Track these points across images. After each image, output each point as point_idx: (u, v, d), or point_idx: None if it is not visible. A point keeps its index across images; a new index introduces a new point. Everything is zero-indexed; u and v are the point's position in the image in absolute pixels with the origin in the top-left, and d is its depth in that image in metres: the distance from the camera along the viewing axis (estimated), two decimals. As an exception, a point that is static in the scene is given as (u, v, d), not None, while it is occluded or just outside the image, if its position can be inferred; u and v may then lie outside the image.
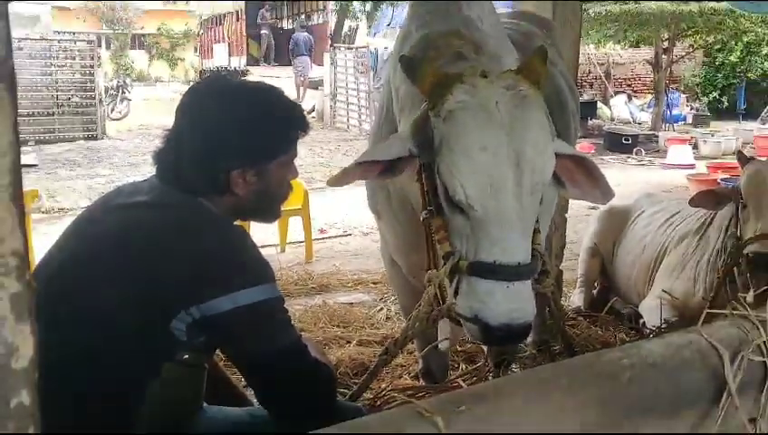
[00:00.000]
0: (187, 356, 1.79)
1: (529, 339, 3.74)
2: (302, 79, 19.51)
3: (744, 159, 3.52)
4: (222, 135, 1.85)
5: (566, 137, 2.86)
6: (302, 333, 2.03)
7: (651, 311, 3.94)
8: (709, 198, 3.60)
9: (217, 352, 2.00)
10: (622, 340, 3.87)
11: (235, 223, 1.90)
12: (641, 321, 4.05)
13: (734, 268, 3.41)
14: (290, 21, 24.91)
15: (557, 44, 3.39)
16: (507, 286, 1.73)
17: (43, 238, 4.61)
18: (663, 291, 3.91)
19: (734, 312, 1.67)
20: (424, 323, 2.03)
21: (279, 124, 1.92)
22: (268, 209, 2.02)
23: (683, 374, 1.50)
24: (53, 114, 14.34)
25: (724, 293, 3.36)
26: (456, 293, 1.84)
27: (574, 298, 4.63)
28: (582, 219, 5.96)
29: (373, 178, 2.02)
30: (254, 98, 1.91)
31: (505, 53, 2.25)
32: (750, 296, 3.12)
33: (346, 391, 2.71)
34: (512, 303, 1.73)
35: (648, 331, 3.78)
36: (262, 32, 24.09)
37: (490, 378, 3.11)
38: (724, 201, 3.56)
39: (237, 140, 1.86)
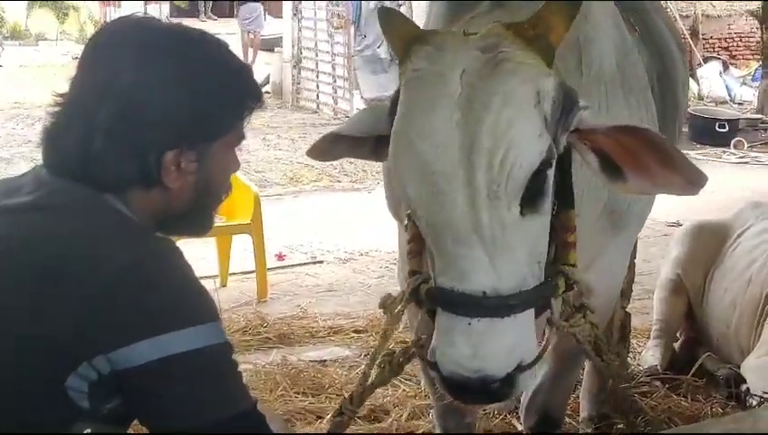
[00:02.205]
0: (88, 430, 1.78)
1: (584, 413, 3.76)
2: (251, 37, 19.52)
3: None
4: (154, 98, 1.86)
5: (672, 118, 2.94)
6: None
7: (760, 371, 3.95)
8: None
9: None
10: (717, 414, 3.88)
11: (158, 234, 1.92)
12: (743, 387, 4.06)
13: None
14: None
15: None
16: (469, 323, 1.82)
17: None
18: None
19: None
20: (386, 371, 2.15)
21: (230, 86, 1.95)
22: (203, 214, 2.05)
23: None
24: None
25: None
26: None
27: (647, 354, 4.64)
28: (659, 240, 6.00)
29: (365, 156, 2.16)
30: (193, 48, 1.94)
31: None
32: None
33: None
34: (469, 347, 1.82)
35: (755, 400, 3.79)
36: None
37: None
38: None
39: (174, 107, 1.87)
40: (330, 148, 2.28)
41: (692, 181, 1.99)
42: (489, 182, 1.81)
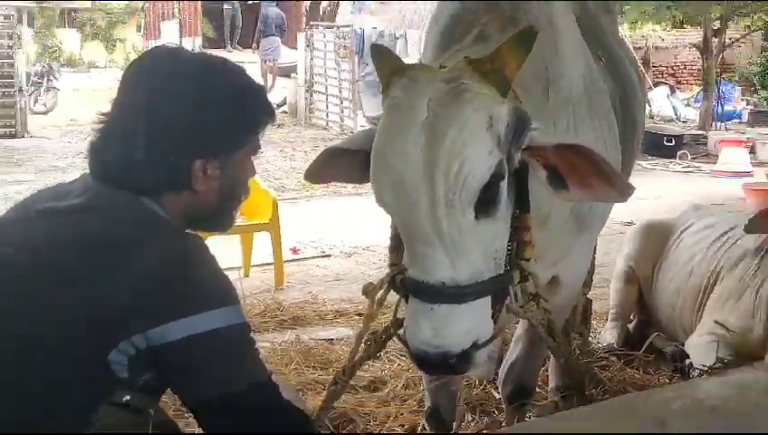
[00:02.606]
0: (128, 398, 1.78)
1: (552, 384, 3.76)
2: (270, 64, 19.53)
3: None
4: (185, 116, 1.89)
5: (631, 137, 3.00)
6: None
7: (700, 348, 3.95)
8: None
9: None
10: (663, 384, 3.87)
11: (187, 231, 1.93)
12: (687, 361, 4.06)
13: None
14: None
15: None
16: (431, 308, 1.88)
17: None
18: (716, 323, 3.92)
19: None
20: (371, 347, 2.29)
21: (248, 105, 1.98)
22: (225, 213, 2.07)
23: (752, 421, 1.49)
24: (-39, 106, 14.30)
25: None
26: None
27: (605, 334, 4.63)
28: (615, 238, 5.99)
29: (354, 177, 2.20)
30: (217, 72, 1.97)
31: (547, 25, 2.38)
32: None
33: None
34: (431, 328, 1.88)
35: (696, 372, 3.79)
36: (225, 6, 24.15)
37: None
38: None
39: (202, 122, 1.90)
40: (325, 166, 2.29)
41: (622, 192, 2.03)
42: (446, 192, 1.86)
